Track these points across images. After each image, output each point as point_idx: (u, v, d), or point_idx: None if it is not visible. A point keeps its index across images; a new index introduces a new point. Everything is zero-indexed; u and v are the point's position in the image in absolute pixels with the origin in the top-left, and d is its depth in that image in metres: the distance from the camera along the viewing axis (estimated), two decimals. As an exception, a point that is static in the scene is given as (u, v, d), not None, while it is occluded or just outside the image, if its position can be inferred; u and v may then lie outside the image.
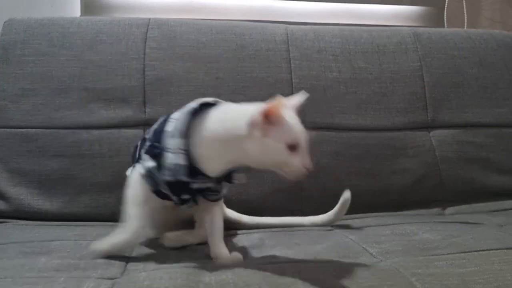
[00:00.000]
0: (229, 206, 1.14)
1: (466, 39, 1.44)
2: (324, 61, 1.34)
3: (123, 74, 1.24)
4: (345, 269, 0.71)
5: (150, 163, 0.81)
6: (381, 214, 1.20)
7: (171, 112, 0.87)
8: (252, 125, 0.76)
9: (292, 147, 0.76)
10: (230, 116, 0.80)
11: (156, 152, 0.80)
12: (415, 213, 1.24)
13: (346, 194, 1.05)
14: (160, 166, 0.80)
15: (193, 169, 0.79)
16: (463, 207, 1.30)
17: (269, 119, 0.76)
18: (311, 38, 1.37)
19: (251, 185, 1.22)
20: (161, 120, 0.87)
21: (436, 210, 1.28)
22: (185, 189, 0.83)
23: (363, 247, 0.85)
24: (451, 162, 1.31)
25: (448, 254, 0.79)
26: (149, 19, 1.34)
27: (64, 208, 1.15)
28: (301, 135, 0.78)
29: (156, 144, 0.81)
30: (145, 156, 0.83)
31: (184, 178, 0.79)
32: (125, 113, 1.23)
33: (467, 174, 1.32)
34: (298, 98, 0.84)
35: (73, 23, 1.29)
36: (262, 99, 1.28)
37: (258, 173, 1.21)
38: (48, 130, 1.19)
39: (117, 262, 0.76)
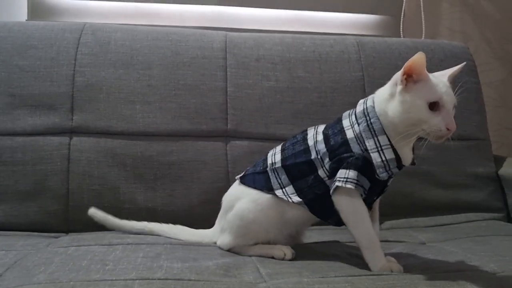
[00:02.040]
0: (155, 217, 1.12)
1: (412, 49, 1.41)
2: (262, 70, 1.31)
3: (52, 80, 1.22)
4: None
5: (352, 173, 0.79)
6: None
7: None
8: (395, 82, 0.81)
9: (434, 107, 0.77)
10: (383, 91, 0.85)
11: (353, 160, 0.80)
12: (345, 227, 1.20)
13: None
14: (363, 171, 0.80)
15: (399, 160, 0.81)
16: (401, 221, 1.27)
17: (412, 77, 0.78)
18: (251, 46, 1.34)
19: (178, 196, 1.19)
20: (317, 139, 0.89)
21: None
22: (381, 188, 0.85)
23: (257, 267, 0.81)
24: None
25: (335, 277, 0.74)
26: (84, 24, 1.31)
27: (-19, 217, 1.12)
28: (444, 95, 0.78)
29: (347, 154, 0.81)
30: (342, 172, 0.80)
31: (396, 170, 0.81)
32: (51, 120, 1.20)
33: (406, 188, 1.28)
34: (456, 68, 0.85)
35: (4, 27, 1.27)
36: (194, 107, 1.29)
37: (186, 183, 1.21)
38: (-31, 136, 1.16)
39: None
